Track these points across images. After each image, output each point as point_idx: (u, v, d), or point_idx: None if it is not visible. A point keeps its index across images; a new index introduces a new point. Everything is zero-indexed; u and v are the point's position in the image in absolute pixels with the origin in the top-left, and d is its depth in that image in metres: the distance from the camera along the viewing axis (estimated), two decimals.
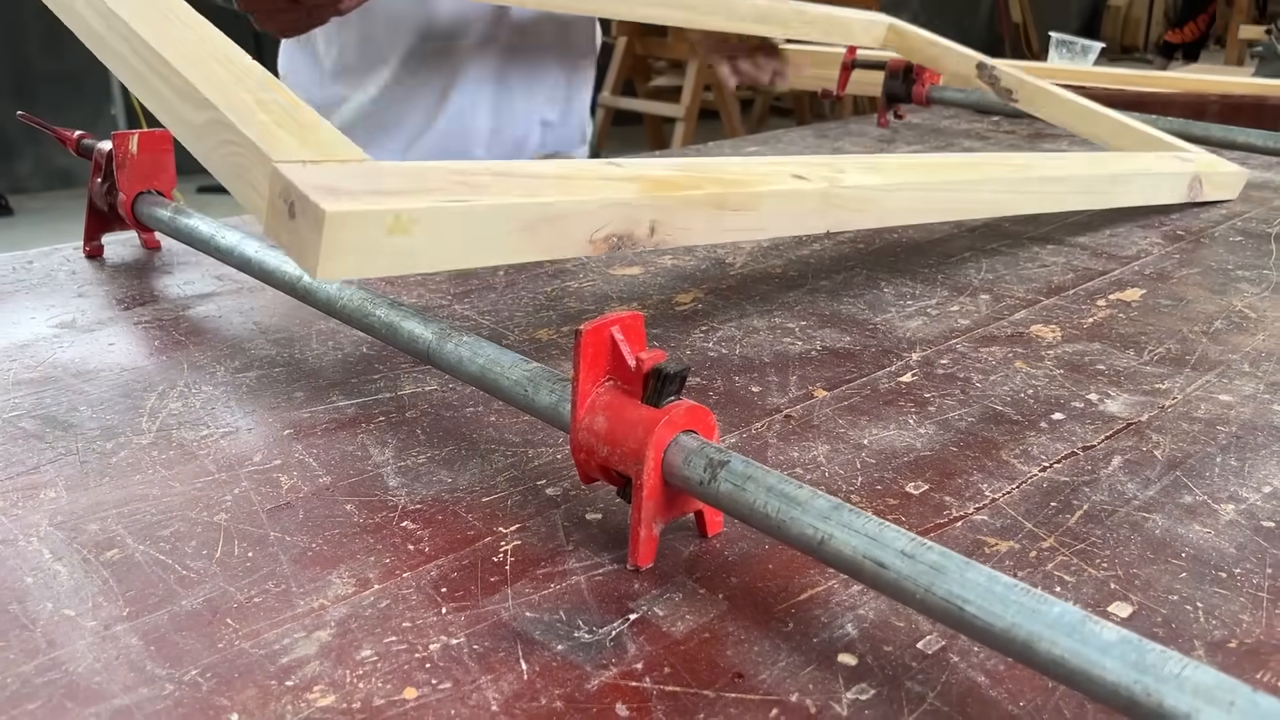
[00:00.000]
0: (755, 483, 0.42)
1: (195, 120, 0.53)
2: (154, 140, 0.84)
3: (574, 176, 0.56)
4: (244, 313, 0.76)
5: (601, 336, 0.46)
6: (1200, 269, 0.88)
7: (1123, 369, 0.68)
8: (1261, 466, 0.56)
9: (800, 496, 0.41)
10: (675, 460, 0.45)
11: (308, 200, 0.44)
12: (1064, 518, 0.51)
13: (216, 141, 0.51)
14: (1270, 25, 3.63)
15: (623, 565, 0.46)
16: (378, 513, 0.50)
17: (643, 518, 0.45)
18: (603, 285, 0.83)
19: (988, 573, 0.36)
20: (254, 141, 0.48)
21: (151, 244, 0.91)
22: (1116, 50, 8.24)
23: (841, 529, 0.39)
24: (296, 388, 0.64)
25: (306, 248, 0.45)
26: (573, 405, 0.47)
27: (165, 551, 0.47)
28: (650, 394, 0.45)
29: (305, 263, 0.45)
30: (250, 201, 0.49)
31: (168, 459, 0.55)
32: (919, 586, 0.37)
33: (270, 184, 0.46)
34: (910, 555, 0.37)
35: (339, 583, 0.45)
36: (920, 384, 0.66)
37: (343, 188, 0.45)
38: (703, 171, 0.63)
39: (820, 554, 0.40)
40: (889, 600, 0.44)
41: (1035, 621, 0.34)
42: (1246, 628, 0.43)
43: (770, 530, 0.42)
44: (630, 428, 0.45)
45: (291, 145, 0.48)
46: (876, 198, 0.72)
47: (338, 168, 0.47)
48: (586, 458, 0.47)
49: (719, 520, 0.49)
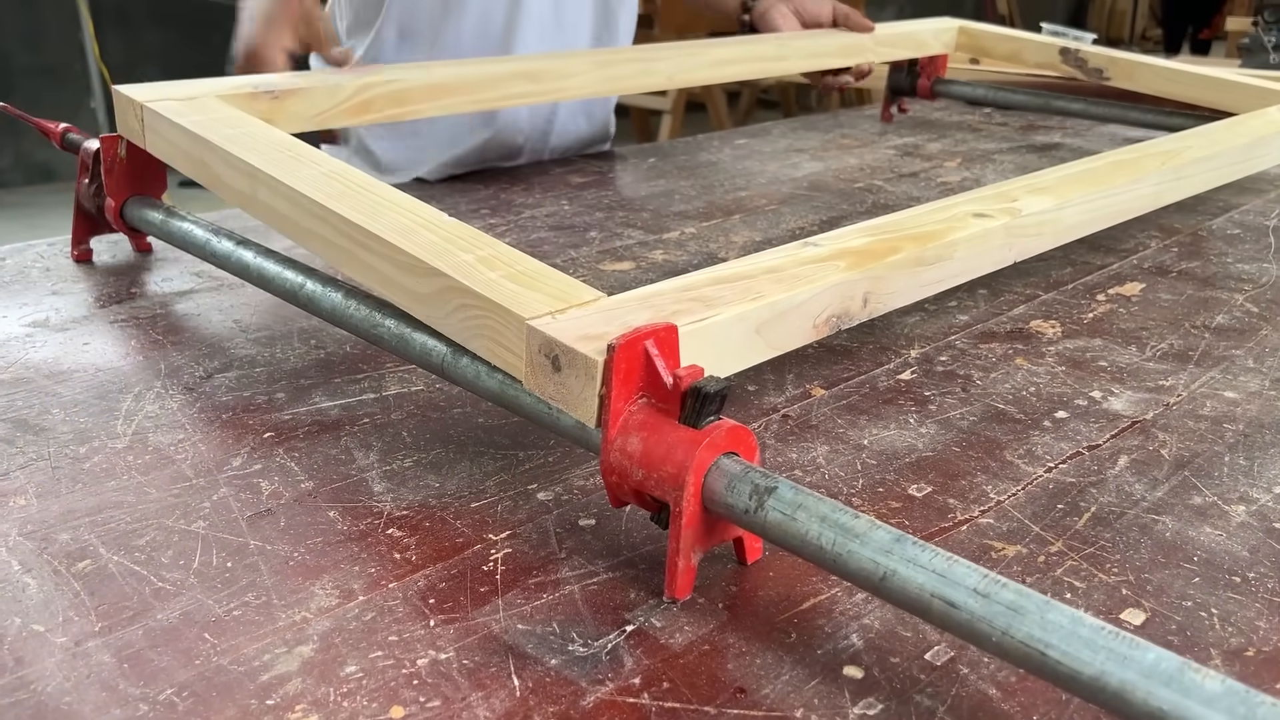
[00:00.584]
0: (807, 511, 0.39)
1: (423, 290, 0.53)
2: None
3: (782, 268, 0.56)
4: (224, 310, 0.74)
5: (635, 351, 0.43)
6: (1200, 262, 0.87)
7: (1125, 365, 0.67)
8: (1271, 465, 0.54)
9: (858, 528, 0.38)
10: (717, 486, 0.41)
11: (575, 352, 0.44)
12: (1072, 520, 0.49)
13: (452, 308, 0.51)
14: (1257, 17, 3.63)
15: (616, 574, 0.45)
16: (362, 519, 0.48)
17: (681, 547, 0.42)
18: (594, 281, 0.81)
19: (1071, 614, 0.33)
20: (497, 303, 0.48)
21: (143, 247, 0.87)
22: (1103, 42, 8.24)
23: (906, 564, 0.36)
24: (278, 389, 0.62)
25: (579, 397, 0.44)
26: (604, 425, 0.43)
27: (140, 562, 0.45)
28: (688, 414, 0.42)
29: (581, 412, 0.45)
30: (499, 358, 0.49)
31: (143, 464, 0.53)
32: (995, 629, 0.34)
33: (527, 342, 0.47)
34: (984, 594, 0.34)
35: (322, 594, 0.43)
36: (920, 382, 0.64)
37: (598, 332, 0.45)
38: (893, 231, 0.63)
39: (881, 591, 0.37)
40: (894, 608, 0.42)
41: (1128, 669, 0.31)
42: (1264, 634, 0.41)
43: (824, 563, 0.39)
44: (668, 450, 0.42)
45: (533, 299, 0.49)
46: (1053, 219, 0.72)
47: (582, 311, 0.48)
48: (619, 481, 0.43)
49: (759, 546, 0.46)
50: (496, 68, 0.98)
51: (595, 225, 0.96)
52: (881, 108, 1.46)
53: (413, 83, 0.91)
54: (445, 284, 0.51)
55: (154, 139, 0.76)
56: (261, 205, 0.65)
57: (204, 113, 0.74)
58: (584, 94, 1.04)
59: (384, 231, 0.55)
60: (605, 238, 0.92)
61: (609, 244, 0.90)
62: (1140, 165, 0.82)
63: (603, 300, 0.50)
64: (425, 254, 0.53)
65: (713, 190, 1.09)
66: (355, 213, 0.58)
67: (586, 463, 0.54)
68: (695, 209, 1.02)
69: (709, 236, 0.93)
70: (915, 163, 1.22)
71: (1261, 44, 3.49)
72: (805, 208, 1.02)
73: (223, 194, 0.69)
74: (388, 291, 0.56)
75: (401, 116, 0.93)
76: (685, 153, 1.27)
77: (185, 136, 0.71)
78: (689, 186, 1.11)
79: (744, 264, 0.57)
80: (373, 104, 0.90)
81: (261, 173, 0.64)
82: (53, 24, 4.44)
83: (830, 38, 1.26)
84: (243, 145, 0.67)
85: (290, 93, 0.84)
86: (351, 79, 0.89)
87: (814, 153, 1.27)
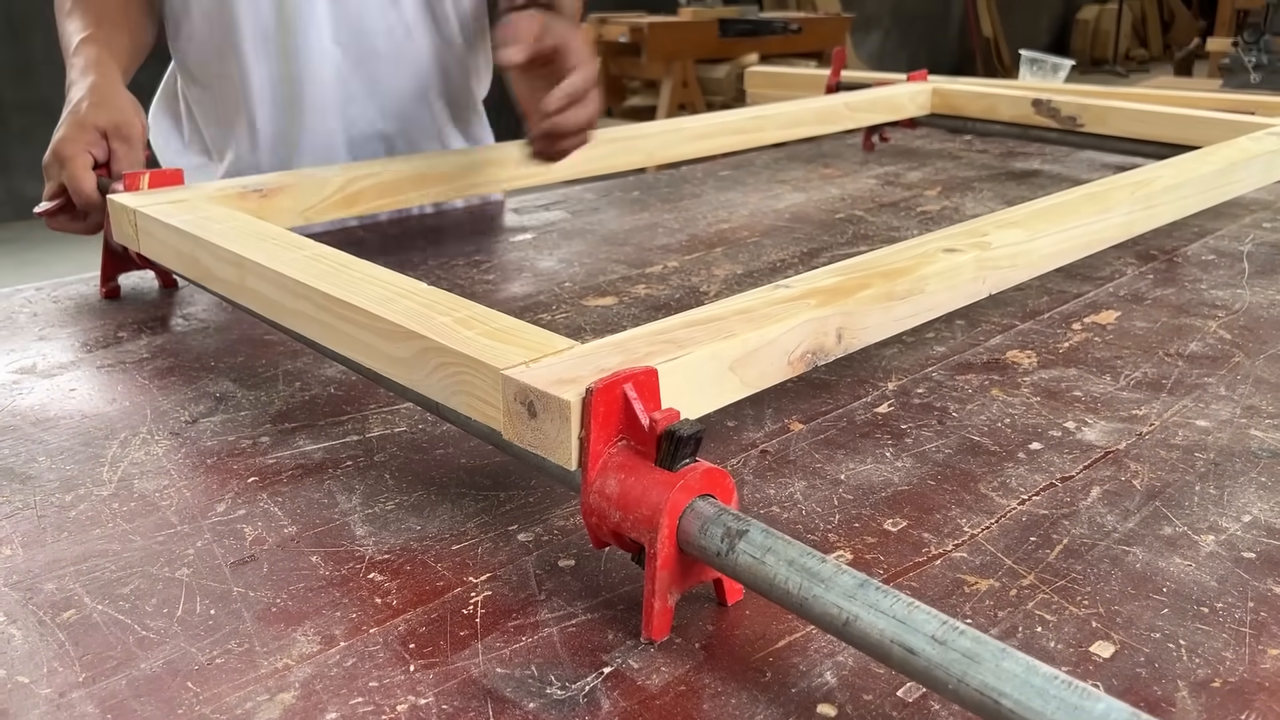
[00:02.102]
0: (776, 555, 0.40)
1: (403, 354, 0.55)
2: (166, 178, 0.83)
3: (754, 308, 0.58)
4: (211, 353, 0.75)
5: (613, 395, 0.44)
6: (1175, 289, 0.88)
7: (1099, 395, 0.68)
8: (1240, 494, 0.55)
9: (823, 572, 0.39)
10: (691, 528, 0.42)
11: (549, 396, 0.45)
12: (1044, 553, 0.50)
13: (431, 368, 0.53)
14: (1237, 38, 3.68)
15: (595, 615, 0.45)
16: (344, 564, 0.49)
17: (657, 589, 0.43)
18: (576, 317, 0.82)
19: (1025, 662, 0.34)
20: (473, 357, 0.50)
21: (168, 283, 0.89)
22: (1087, 63, 8.32)
23: (868, 609, 0.37)
24: (262, 432, 0.62)
25: (555, 441, 0.46)
26: (583, 467, 0.44)
27: (124, 611, 0.45)
28: (664, 457, 0.43)
29: (558, 456, 0.46)
30: (479, 412, 0.51)
31: (129, 511, 0.54)
32: (951, 676, 0.34)
33: (503, 391, 0.48)
34: (941, 641, 0.35)
35: (304, 640, 0.44)
36: (897, 414, 0.65)
37: (570, 377, 0.47)
38: (865, 270, 0.64)
39: (845, 635, 0.38)
40: None
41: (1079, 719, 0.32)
42: (1230, 665, 0.42)
43: (791, 607, 0.40)
44: (643, 493, 0.43)
45: (509, 351, 0.50)
46: (1024, 250, 0.73)
47: (556, 359, 0.49)
48: (598, 522, 0.45)
49: (739, 587, 0.46)
50: (481, 154, 1.02)
51: (578, 259, 0.97)
52: (863, 137, 1.48)
53: (399, 173, 0.95)
54: (424, 345, 0.53)
55: (147, 241, 0.78)
56: (249, 292, 0.67)
57: (195, 212, 0.76)
58: (567, 176, 1.07)
59: (364, 302, 0.57)
60: (588, 273, 0.93)
61: (592, 279, 0.91)
62: (1110, 196, 0.83)
63: (576, 348, 0.51)
64: (404, 319, 0.55)
65: (695, 223, 1.10)
66: (335, 288, 0.59)
67: (566, 503, 0.54)
68: (678, 242, 1.03)
69: (691, 270, 0.94)
70: (896, 192, 1.23)
71: (1242, 64, 3.54)
72: (787, 239, 1.03)
73: (214, 286, 0.72)
74: (370, 360, 0.58)
75: (389, 206, 0.96)
76: (669, 185, 1.29)
77: (177, 235, 0.73)
78: (672, 219, 1.12)
79: (717, 307, 0.58)
80: (360, 196, 0.93)
81: (248, 261, 0.66)
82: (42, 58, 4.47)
83: (806, 106, 1.31)
84: (230, 238, 0.69)
85: (278, 189, 0.87)
86: (337, 172, 0.91)
87: (796, 183, 1.29)
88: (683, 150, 1.19)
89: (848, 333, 0.61)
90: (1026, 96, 1.33)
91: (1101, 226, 0.81)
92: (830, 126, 1.35)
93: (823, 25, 5.35)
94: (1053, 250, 0.77)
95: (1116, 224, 0.83)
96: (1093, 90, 1.48)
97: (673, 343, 0.52)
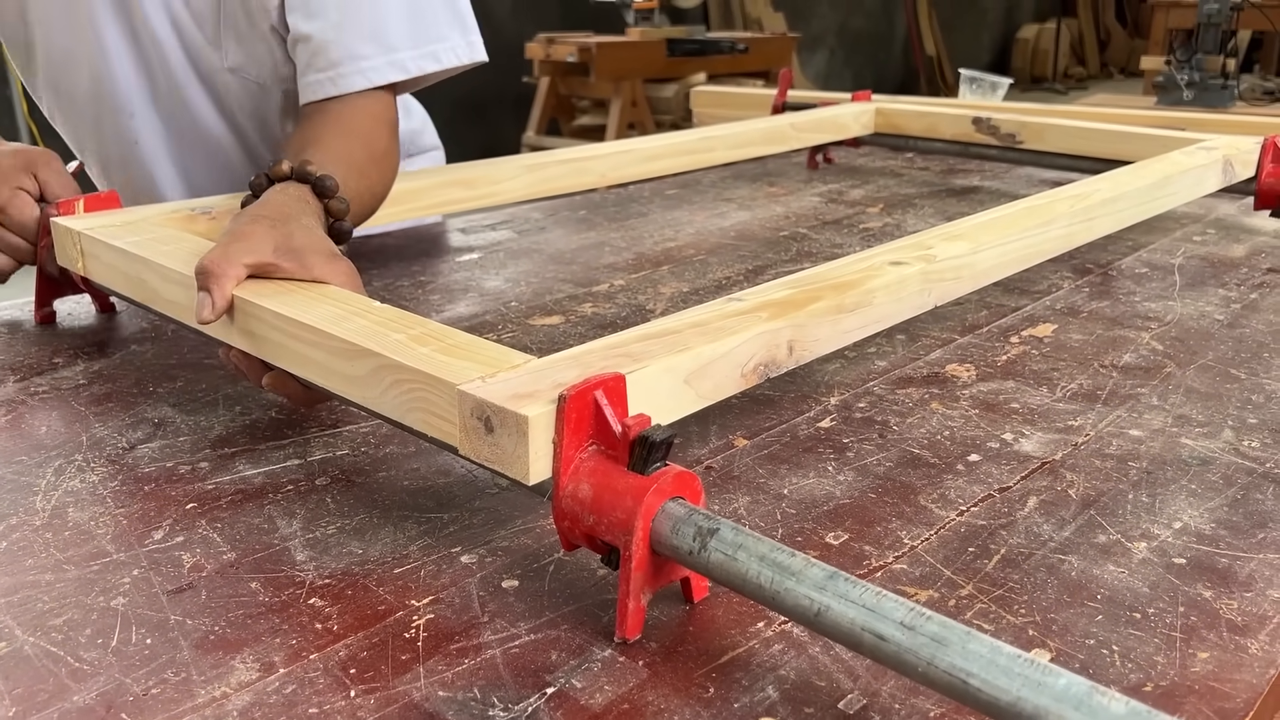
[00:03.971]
0: (747, 551, 0.41)
1: (358, 372, 0.54)
2: (102, 202, 0.82)
3: (707, 321, 0.58)
4: (149, 378, 0.74)
5: (585, 401, 0.45)
6: (1109, 301, 0.90)
7: (1036, 407, 0.69)
8: (1171, 501, 0.56)
9: (794, 565, 0.40)
10: (663, 529, 0.43)
11: (506, 411, 0.45)
12: (982, 563, 0.51)
13: (386, 385, 0.52)
14: (1169, 56, 3.77)
15: (539, 635, 0.45)
16: (284, 590, 0.48)
17: (631, 589, 0.44)
18: (522, 336, 0.82)
19: (990, 643, 0.35)
20: (429, 373, 0.50)
21: (106, 308, 0.87)
22: (1027, 81, 8.49)
23: (838, 600, 0.38)
24: (201, 457, 0.62)
25: (512, 455, 0.46)
26: (555, 472, 0.45)
27: (57, 643, 0.45)
28: (636, 461, 0.44)
29: (515, 471, 0.46)
30: (436, 429, 0.50)
31: (62, 541, 0.53)
32: (921, 659, 0.36)
33: (459, 406, 0.48)
34: (910, 627, 0.37)
35: (242, 668, 0.43)
36: (839, 429, 0.66)
37: (527, 391, 0.47)
38: (814, 283, 0.65)
39: (817, 625, 0.39)
40: (809, 659, 0.44)
41: (1042, 694, 0.34)
42: (1161, 669, 0.43)
43: (764, 600, 0.41)
44: (617, 496, 0.44)
45: (464, 367, 0.50)
46: (968, 262, 0.75)
47: (512, 374, 0.49)
48: (571, 526, 0.45)
49: (705, 585, 0.48)
50: (433, 178, 1.03)
51: (524, 278, 0.97)
52: (808, 157, 1.50)
53: None
54: (378, 363, 0.53)
55: (92, 264, 0.77)
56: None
57: (142, 234, 0.75)
58: (518, 197, 1.08)
59: (317, 321, 0.57)
60: (535, 292, 0.93)
61: (539, 299, 0.91)
62: (1051, 209, 0.85)
63: (532, 362, 0.51)
64: (358, 337, 0.54)
65: (642, 241, 1.11)
66: (288, 307, 0.59)
67: (510, 523, 0.54)
68: (625, 260, 1.04)
69: (638, 288, 0.94)
70: (839, 209, 1.25)
71: (1175, 82, 3.63)
72: (732, 257, 1.04)
73: (162, 308, 0.70)
74: (323, 379, 0.57)
75: None
76: (617, 204, 1.29)
77: (123, 258, 0.72)
78: (619, 238, 1.12)
79: (670, 320, 0.58)
80: None
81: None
82: None
83: (754, 126, 1.33)
84: (179, 259, 0.68)
85: (226, 213, 0.85)
86: None
87: (742, 201, 1.30)
88: (634, 171, 1.20)
89: (799, 345, 0.61)
90: (967, 115, 1.36)
91: (1043, 239, 0.83)
92: (778, 146, 1.37)
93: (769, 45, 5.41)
94: (996, 262, 0.78)
95: (1057, 236, 0.85)
96: (1031, 108, 1.51)
97: (628, 356, 0.52)
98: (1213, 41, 3.59)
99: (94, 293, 0.85)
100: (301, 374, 0.59)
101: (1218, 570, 0.50)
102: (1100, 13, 9.28)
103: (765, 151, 1.35)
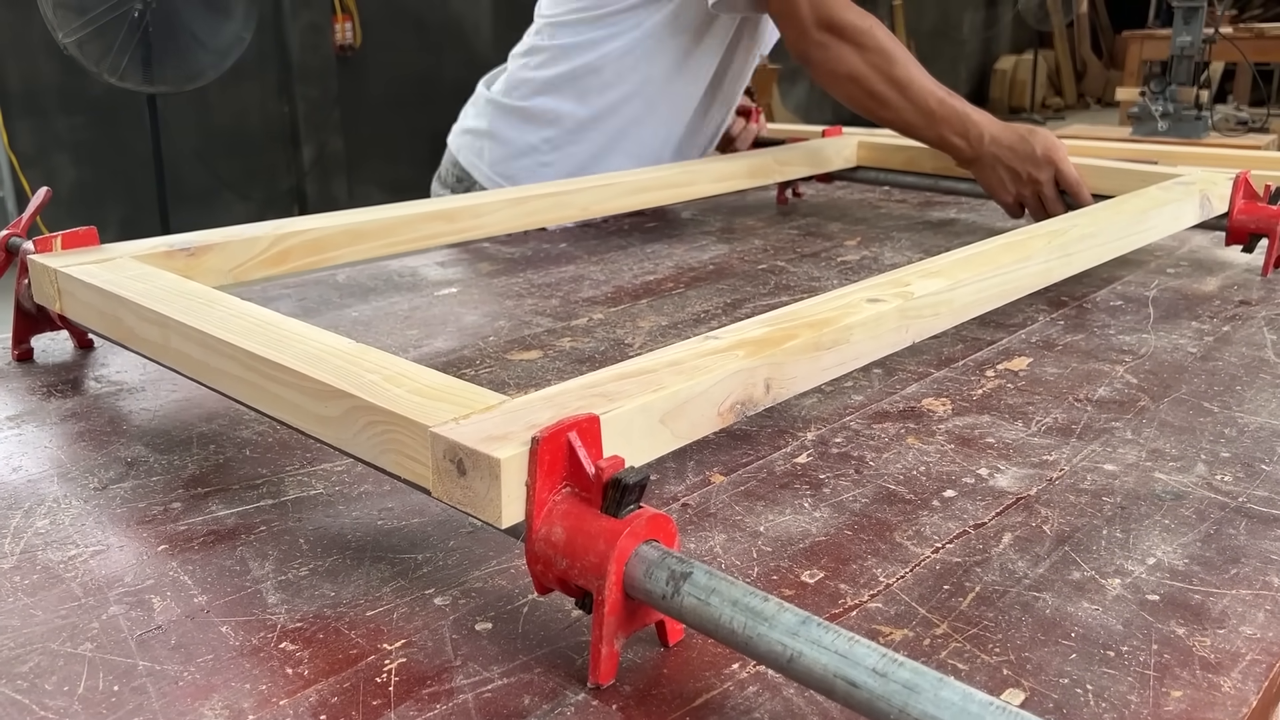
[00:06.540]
0: (720, 596, 0.41)
1: (331, 413, 0.54)
2: (79, 238, 0.82)
3: (683, 360, 0.58)
4: (123, 417, 0.73)
5: (558, 443, 0.45)
6: (1084, 334, 0.91)
7: (1011, 441, 0.69)
8: (1145, 537, 0.57)
9: (766, 611, 0.40)
10: (636, 573, 0.43)
11: (478, 454, 0.45)
12: (956, 601, 0.51)
13: (360, 426, 0.52)
14: (1144, 87, 3.83)
15: (512, 679, 0.45)
16: (255, 633, 0.48)
17: (604, 634, 0.43)
18: (500, 371, 0.82)
19: (962, 690, 0.35)
20: (402, 415, 0.50)
21: (84, 344, 0.87)
22: (1005, 111, 8.59)
23: (811, 645, 0.38)
24: (174, 498, 0.61)
25: (485, 498, 0.45)
26: (528, 515, 0.45)
27: (22, 690, 0.44)
28: (610, 504, 0.44)
29: (487, 514, 0.45)
30: (409, 471, 0.50)
31: (31, 584, 0.52)
32: (893, 707, 0.36)
33: (432, 448, 0.48)
34: (882, 674, 0.36)
35: (211, 715, 0.42)
36: (815, 465, 0.66)
37: (500, 433, 0.46)
38: (791, 320, 0.65)
39: (789, 672, 0.39)
40: (784, 701, 0.43)
41: None
42: (1135, 709, 0.43)
43: (736, 646, 0.41)
44: (590, 540, 0.43)
45: (437, 408, 0.50)
46: (946, 299, 0.75)
47: (485, 415, 0.49)
48: (544, 569, 0.45)
49: (680, 628, 0.47)
50: (412, 210, 1.02)
51: (504, 314, 0.97)
52: (777, 192, 1.51)
53: (329, 230, 0.94)
54: (352, 404, 0.53)
55: (69, 302, 0.77)
56: (174, 353, 0.66)
57: (118, 272, 0.75)
58: (500, 231, 1.09)
59: (290, 361, 0.57)
60: (513, 326, 0.93)
61: (517, 333, 0.92)
62: (1029, 245, 0.86)
63: (506, 403, 0.51)
64: (331, 378, 0.54)
65: (621, 274, 1.11)
66: (261, 347, 0.59)
67: (485, 564, 0.54)
68: (604, 294, 1.04)
69: (616, 322, 0.95)
70: (816, 243, 1.26)
71: (1150, 113, 3.68)
72: (710, 290, 1.05)
73: (137, 346, 0.70)
74: (296, 419, 0.57)
75: (320, 264, 0.95)
76: (596, 237, 1.30)
77: (99, 295, 0.72)
78: (598, 271, 1.13)
79: (647, 360, 0.58)
80: (290, 254, 0.92)
81: (172, 320, 0.65)
82: None
83: (736, 161, 1.34)
84: (154, 297, 0.68)
85: (206, 249, 0.86)
86: (267, 230, 0.90)
87: (720, 234, 1.30)
88: (616, 204, 1.20)
89: (776, 383, 0.62)
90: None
91: (1021, 274, 0.83)
92: (761, 180, 1.37)
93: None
94: (974, 299, 0.79)
95: (1035, 272, 0.86)
96: None
97: (603, 396, 0.52)
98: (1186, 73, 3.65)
99: (72, 329, 0.84)
100: (275, 415, 0.59)
101: (1191, 607, 0.50)
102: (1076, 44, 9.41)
103: (748, 185, 1.36)
